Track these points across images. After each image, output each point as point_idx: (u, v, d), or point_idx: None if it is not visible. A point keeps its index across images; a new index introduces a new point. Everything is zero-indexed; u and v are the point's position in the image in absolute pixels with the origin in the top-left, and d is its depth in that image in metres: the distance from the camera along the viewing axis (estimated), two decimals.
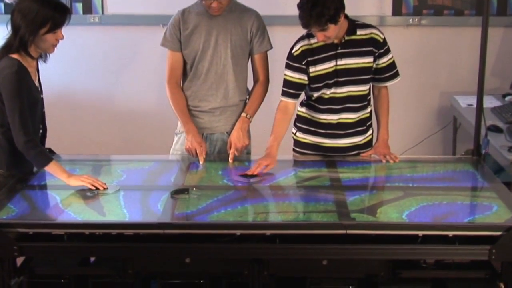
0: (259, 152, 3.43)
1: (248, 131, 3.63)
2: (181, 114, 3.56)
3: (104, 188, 3.02)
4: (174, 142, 3.71)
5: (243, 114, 3.58)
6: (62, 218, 2.80)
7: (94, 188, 3.01)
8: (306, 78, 3.35)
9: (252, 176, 3.18)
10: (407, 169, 3.33)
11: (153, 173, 3.37)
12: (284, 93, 3.39)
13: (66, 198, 2.96)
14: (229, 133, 3.60)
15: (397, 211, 2.77)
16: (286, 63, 3.37)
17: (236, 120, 3.59)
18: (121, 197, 2.94)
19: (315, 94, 3.41)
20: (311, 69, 3.34)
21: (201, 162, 3.45)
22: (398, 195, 2.91)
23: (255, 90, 3.62)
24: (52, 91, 4.74)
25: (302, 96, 3.50)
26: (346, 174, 3.26)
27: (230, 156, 3.47)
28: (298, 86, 3.37)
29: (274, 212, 2.88)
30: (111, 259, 2.87)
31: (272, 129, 3.37)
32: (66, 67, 5.04)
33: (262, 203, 2.95)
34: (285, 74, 3.38)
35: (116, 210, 2.83)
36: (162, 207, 2.86)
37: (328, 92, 3.38)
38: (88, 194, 2.98)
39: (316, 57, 3.33)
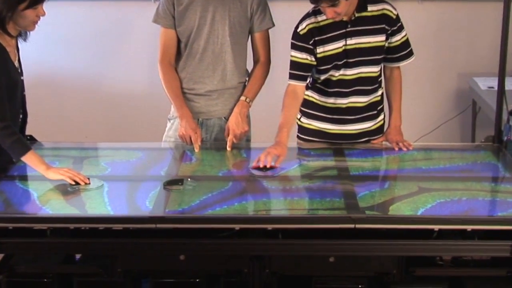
0: (260, 139, 3.43)
1: (248, 117, 3.63)
2: (175, 98, 3.55)
3: (86, 183, 2.99)
4: (167, 128, 3.70)
5: (242, 98, 3.57)
6: (44, 212, 2.80)
7: (73, 183, 2.98)
8: (313, 59, 3.34)
9: (266, 168, 3.15)
10: (421, 160, 3.32)
11: (143, 163, 3.36)
12: (292, 76, 3.38)
13: (45, 193, 2.95)
14: (226, 118, 3.60)
15: (411, 209, 2.77)
16: (292, 43, 3.36)
17: (235, 104, 3.58)
18: (105, 193, 2.92)
19: (322, 77, 3.40)
20: (319, 50, 3.33)
21: (196, 150, 3.45)
22: (412, 190, 2.90)
23: (255, 72, 3.61)
24: (34, 73, 4.74)
25: None
26: (355, 164, 3.26)
27: (228, 144, 3.47)
28: (306, 68, 3.36)
29: (276, 205, 2.88)
30: (98, 256, 2.87)
31: (281, 116, 3.36)
32: (49, 46, 5.03)
33: (263, 195, 2.95)
34: (291, 55, 3.37)
35: (99, 207, 2.82)
36: (154, 200, 2.86)
37: (337, 74, 3.38)
38: (69, 189, 2.96)
39: (324, 36, 3.32)
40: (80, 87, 5.19)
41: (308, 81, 3.44)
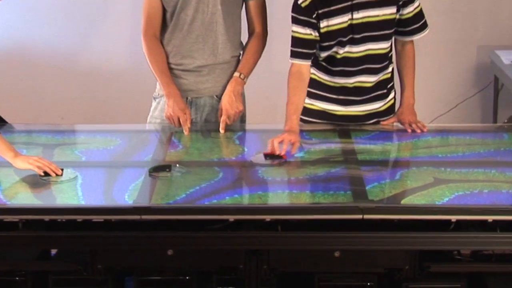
0: (256, 120, 3.42)
1: (243, 95, 3.62)
2: (160, 74, 3.55)
3: (57, 174, 2.96)
4: (152, 108, 3.70)
5: (236, 74, 3.56)
6: (16, 203, 2.80)
7: (43, 173, 2.94)
8: (317, 34, 3.33)
9: (275, 156, 3.14)
10: (437, 146, 3.31)
11: (126, 147, 3.36)
12: (295, 54, 3.37)
13: (11, 186, 2.93)
14: (219, 97, 3.59)
15: (425, 203, 2.76)
16: (293, 16, 3.35)
17: (228, 81, 3.58)
18: (79, 186, 2.91)
19: (324, 54, 3.39)
20: (323, 24, 3.32)
21: (185, 133, 3.44)
22: (427, 182, 2.90)
23: (250, 45, 3.60)
24: (4, 47, 4.72)
25: None
26: (362, 148, 3.26)
27: (221, 126, 3.46)
28: (311, 44, 3.35)
29: (274, 193, 2.88)
30: (76, 251, 2.87)
31: (287, 100, 3.36)
32: (21, 18, 5.02)
33: (260, 183, 2.95)
34: (292, 31, 3.35)
35: (71, 202, 2.81)
36: (139, 188, 2.86)
37: (341, 52, 3.37)
38: (40, 180, 2.93)
39: (327, 9, 3.30)
40: (54, 62, 5.17)
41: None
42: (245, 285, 2.78)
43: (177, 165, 3.05)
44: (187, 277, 2.83)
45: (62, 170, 2.98)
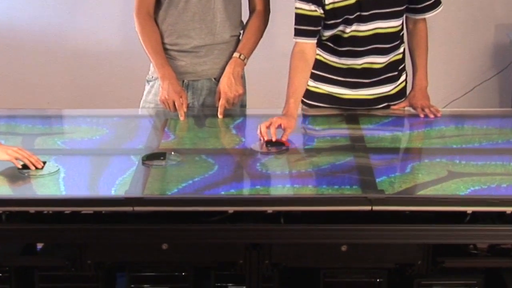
0: (257, 105, 3.42)
1: (243, 77, 3.62)
2: (155, 55, 3.54)
3: (37, 168, 2.92)
4: (145, 92, 3.70)
5: (236, 55, 3.56)
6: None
7: (20, 167, 2.90)
8: (322, 11, 3.32)
9: (277, 143, 3.13)
10: (451, 134, 3.30)
11: (117, 134, 3.36)
12: (298, 32, 3.36)
13: None
14: (217, 80, 3.59)
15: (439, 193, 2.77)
16: None
17: (227, 63, 3.58)
18: (61, 179, 2.89)
19: (328, 33, 3.38)
20: (328, 0, 3.31)
21: (181, 118, 3.44)
22: (441, 175, 2.88)
23: (251, 23, 3.60)
24: None
25: None
26: (371, 134, 3.26)
27: (219, 110, 3.46)
28: (316, 21, 3.34)
29: (277, 183, 2.88)
30: (64, 245, 2.87)
31: (288, 82, 3.35)
32: None
33: (261, 172, 2.94)
34: (296, 8, 3.34)
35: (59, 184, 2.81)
36: (131, 178, 2.86)
37: (348, 30, 3.37)
38: (18, 174, 2.89)
39: None
40: (42, 43, 5.17)
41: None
42: (246, 282, 2.79)
43: (172, 153, 3.05)
44: (183, 273, 2.84)
45: (44, 163, 2.94)
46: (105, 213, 2.79)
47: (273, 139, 3.11)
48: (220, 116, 3.46)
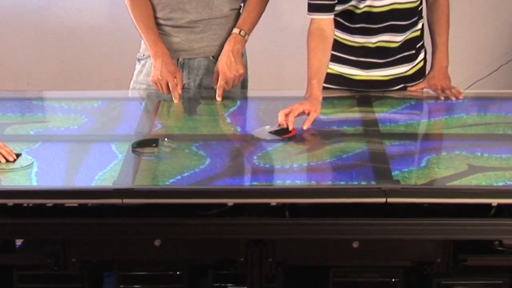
0: (259, 86, 3.41)
1: (243, 55, 3.62)
2: (146, 31, 3.55)
3: (8, 160, 2.90)
4: (136, 72, 3.70)
5: (235, 31, 3.56)
6: None
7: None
8: None
9: (282, 130, 3.13)
10: (472, 123, 3.28)
11: (104, 118, 3.37)
12: (313, 8, 3.36)
13: None
14: (215, 58, 3.59)
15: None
16: None
17: (226, 39, 3.58)
18: (34, 175, 2.86)
19: (339, 7, 3.38)
20: None
21: (175, 101, 3.44)
22: (460, 170, 2.88)
23: None
24: None
25: None
26: (385, 119, 3.27)
27: (218, 92, 3.46)
28: None
29: (281, 173, 2.88)
30: (45, 241, 2.87)
31: (308, 63, 3.35)
32: None
33: (264, 160, 2.95)
34: None
35: (39, 174, 2.81)
36: (120, 167, 2.86)
37: (361, 6, 3.37)
38: None
39: None
40: (22, 19, 5.16)
41: None
42: (247, 282, 2.79)
43: (166, 139, 3.05)
44: (177, 272, 2.85)
45: (18, 155, 2.92)
46: (91, 206, 2.80)
47: (290, 128, 3.10)
48: (218, 98, 3.46)
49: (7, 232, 2.82)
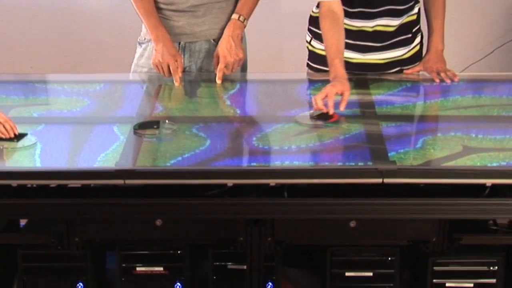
0: (258, 69, 3.40)
1: (243, 39, 3.60)
2: (147, 15, 3.54)
3: (13, 138, 2.91)
4: (137, 55, 3.69)
5: (235, 16, 3.55)
6: None
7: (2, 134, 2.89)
8: None
9: (325, 115, 3.10)
10: (467, 104, 3.27)
11: (106, 100, 3.36)
12: None
13: None
14: (216, 41, 3.58)
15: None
16: None
17: (226, 23, 3.57)
18: (38, 156, 2.85)
19: None
20: None
21: (176, 83, 3.44)
22: (455, 151, 2.87)
23: None
24: None
25: None
26: (381, 99, 3.27)
27: (218, 75, 3.45)
28: None
29: (279, 154, 2.87)
30: (49, 221, 2.88)
31: (325, 45, 3.33)
32: None
33: (262, 141, 2.94)
34: None
35: (43, 156, 2.80)
36: (122, 148, 2.85)
37: None
38: None
39: None
40: (25, 4, 5.15)
41: None
42: (246, 260, 2.79)
43: (167, 121, 3.05)
44: (178, 251, 2.85)
45: (22, 135, 2.93)
46: (94, 186, 2.80)
47: (331, 113, 3.07)
48: (218, 81, 3.45)
49: (11, 212, 2.83)
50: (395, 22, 3.44)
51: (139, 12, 3.55)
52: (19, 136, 2.91)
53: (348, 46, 3.47)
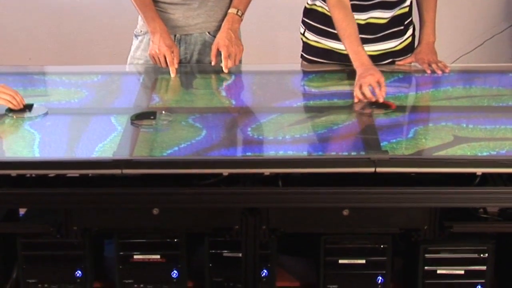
0: (254, 61, 3.39)
1: (239, 34, 3.60)
2: (144, 8, 3.53)
3: (23, 108, 3.00)
4: (133, 48, 3.69)
5: (232, 11, 3.54)
6: None
7: (14, 106, 2.98)
8: None
9: (382, 105, 3.11)
10: (458, 95, 3.27)
11: (104, 91, 3.35)
12: None
13: None
14: (211, 34, 3.57)
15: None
16: None
17: (222, 15, 3.58)
18: (37, 146, 2.84)
19: None
20: None
21: (172, 74, 3.43)
22: (446, 141, 2.87)
23: None
24: None
25: None
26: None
27: (224, 63, 3.44)
28: None
29: (274, 144, 2.87)
30: (48, 210, 2.88)
31: (340, 35, 3.32)
32: None
33: (258, 132, 2.94)
34: None
35: (42, 146, 2.81)
36: (119, 139, 2.85)
37: None
38: (4, 119, 2.96)
39: None
40: None
41: None
42: (241, 248, 2.79)
43: (163, 112, 3.04)
44: (175, 240, 2.86)
45: (30, 106, 3.03)
46: (92, 176, 2.80)
47: (381, 100, 3.09)
48: (225, 70, 3.43)
49: (11, 202, 2.83)
50: (387, 14, 3.44)
51: (135, 4, 3.54)
52: (29, 107, 3.03)
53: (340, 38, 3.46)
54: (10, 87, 3.04)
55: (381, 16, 3.43)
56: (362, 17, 3.43)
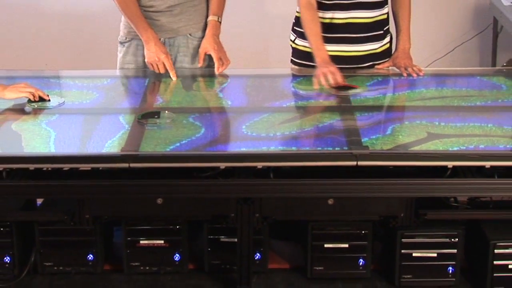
0: (247, 66, 3.38)
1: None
2: (136, 19, 3.50)
3: (45, 100, 3.11)
4: (120, 54, 3.65)
5: (214, 18, 3.55)
6: None
7: (34, 98, 3.07)
8: None
9: (344, 87, 3.20)
10: (431, 96, 3.26)
11: (113, 93, 3.36)
12: None
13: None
14: (192, 35, 3.57)
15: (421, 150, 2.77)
16: None
17: (200, 18, 3.57)
18: (52, 142, 2.83)
19: None
20: None
21: (174, 78, 3.42)
22: (420, 137, 2.86)
23: None
24: None
25: None
26: (356, 93, 3.25)
27: (218, 64, 3.45)
28: None
29: (266, 140, 2.87)
30: (62, 200, 2.88)
31: (307, 33, 3.35)
32: None
33: (252, 127, 2.94)
34: None
35: (57, 142, 2.81)
36: (127, 135, 2.85)
37: None
38: (26, 109, 3.03)
39: None
40: (17, 4, 5.10)
41: None
42: (237, 234, 2.79)
43: (166, 111, 3.04)
44: (177, 226, 2.85)
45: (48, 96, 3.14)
46: (102, 169, 2.79)
47: (341, 82, 3.23)
48: (219, 71, 3.43)
49: (29, 193, 2.83)
50: (368, 14, 3.43)
51: (127, 17, 3.51)
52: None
53: (326, 40, 3.42)
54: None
55: (362, 16, 3.42)
56: (342, 16, 3.42)
